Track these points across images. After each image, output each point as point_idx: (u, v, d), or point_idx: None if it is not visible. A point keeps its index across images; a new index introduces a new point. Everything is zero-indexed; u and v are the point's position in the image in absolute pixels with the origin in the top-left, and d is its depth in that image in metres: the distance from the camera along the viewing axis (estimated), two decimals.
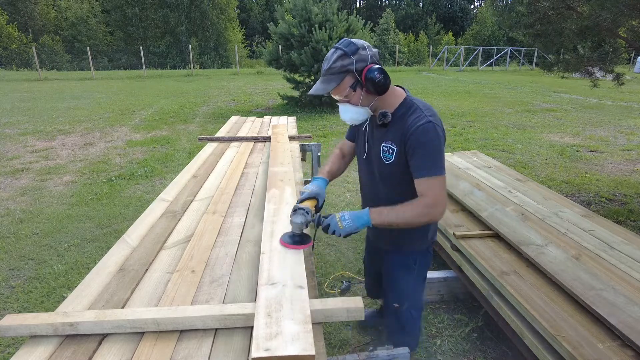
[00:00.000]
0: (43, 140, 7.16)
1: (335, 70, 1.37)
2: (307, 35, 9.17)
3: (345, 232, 1.40)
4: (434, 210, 1.39)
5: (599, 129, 7.92)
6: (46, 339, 1.14)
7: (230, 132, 3.81)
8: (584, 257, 2.16)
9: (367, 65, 1.36)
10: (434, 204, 1.38)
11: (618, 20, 3.25)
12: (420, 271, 1.75)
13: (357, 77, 1.37)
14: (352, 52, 1.35)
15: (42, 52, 28.91)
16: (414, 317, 1.78)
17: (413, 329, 1.83)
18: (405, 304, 1.75)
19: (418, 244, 1.68)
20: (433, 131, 1.37)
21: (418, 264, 1.71)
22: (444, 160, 1.40)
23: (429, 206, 1.38)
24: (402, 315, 1.76)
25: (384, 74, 1.36)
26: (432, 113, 1.42)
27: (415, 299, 1.77)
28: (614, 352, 1.51)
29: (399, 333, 1.83)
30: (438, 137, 1.38)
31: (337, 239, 3.47)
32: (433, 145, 1.37)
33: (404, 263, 1.70)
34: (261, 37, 42.91)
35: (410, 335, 1.85)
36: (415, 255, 1.70)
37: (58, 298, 2.71)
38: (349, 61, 1.35)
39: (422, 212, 1.39)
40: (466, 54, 28.24)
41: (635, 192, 4.50)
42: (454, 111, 9.81)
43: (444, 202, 1.40)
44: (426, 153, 1.38)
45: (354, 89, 1.40)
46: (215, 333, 1.16)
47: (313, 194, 1.54)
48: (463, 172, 3.66)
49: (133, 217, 3.86)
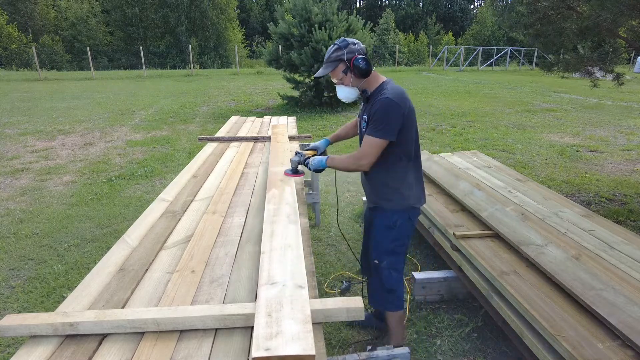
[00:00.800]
0: (43, 140, 7.16)
1: (331, 59, 1.81)
2: (307, 35, 9.17)
3: (312, 166, 1.98)
4: (359, 162, 1.81)
5: (599, 129, 7.92)
6: (46, 339, 1.14)
7: (230, 132, 3.81)
8: (584, 257, 2.16)
9: (355, 55, 1.78)
10: (361, 157, 1.80)
11: (618, 20, 3.25)
12: (400, 233, 1.95)
13: (347, 64, 1.80)
14: (344, 46, 1.79)
15: (42, 52, 28.93)
16: (393, 278, 1.98)
17: (394, 289, 1.99)
18: (384, 262, 1.97)
19: (396, 204, 1.92)
20: (386, 104, 1.73)
21: (398, 225, 1.93)
22: (389, 128, 1.73)
23: (357, 158, 1.82)
24: (382, 273, 1.98)
25: (366, 62, 1.77)
26: (394, 94, 1.74)
27: (394, 260, 1.98)
28: (614, 352, 1.51)
29: (381, 293, 2.02)
30: (390, 109, 1.72)
31: (337, 238, 3.48)
32: (384, 114, 1.73)
33: (385, 221, 1.95)
34: (261, 37, 42.92)
35: (392, 295, 2.00)
36: (397, 216, 1.93)
37: (58, 298, 2.70)
38: (341, 52, 1.79)
39: (353, 161, 1.85)
40: (466, 54, 28.24)
41: (635, 192, 4.50)
42: (454, 111, 9.81)
43: (371, 158, 1.78)
44: (375, 119, 1.76)
45: (345, 73, 1.82)
46: (216, 333, 1.16)
47: (314, 147, 2.21)
48: (463, 172, 3.66)
49: (133, 217, 3.86)
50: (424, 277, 2.60)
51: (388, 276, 1.97)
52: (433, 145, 6.54)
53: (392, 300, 2.00)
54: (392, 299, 2.00)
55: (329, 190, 4.55)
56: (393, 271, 1.98)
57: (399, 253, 1.98)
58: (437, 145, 6.60)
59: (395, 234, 1.94)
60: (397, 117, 1.73)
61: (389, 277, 1.97)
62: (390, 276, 1.97)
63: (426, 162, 3.68)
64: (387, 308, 2.05)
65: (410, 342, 2.27)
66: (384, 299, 2.02)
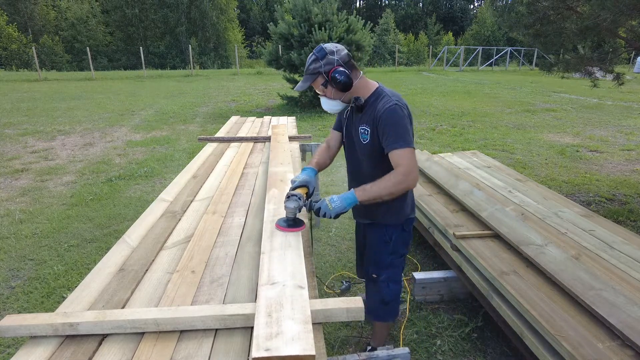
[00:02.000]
0: (43, 140, 7.16)
1: (309, 72, 1.66)
2: (307, 36, 9.17)
3: (334, 212, 1.58)
4: (408, 178, 1.59)
5: (599, 129, 7.92)
6: (46, 339, 1.14)
7: (230, 132, 3.81)
8: (583, 257, 2.16)
9: (333, 67, 1.62)
10: (408, 172, 1.58)
11: (618, 20, 3.25)
12: (397, 246, 1.89)
13: (325, 77, 1.64)
14: (321, 57, 1.63)
15: (41, 53, 28.93)
16: (391, 290, 1.94)
17: (391, 302, 1.96)
18: (383, 275, 1.92)
19: (394, 218, 1.84)
20: (399, 110, 1.61)
21: (394, 239, 1.87)
22: (411, 135, 1.62)
23: (404, 174, 1.58)
24: (380, 286, 1.93)
25: (344, 75, 1.61)
26: (397, 98, 1.65)
27: (392, 272, 1.93)
28: (614, 352, 1.51)
29: (378, 305, 1.97)
30: (404, 116, 1.61)
31: (337, 239, 3.47)
32: (400, 123, 1.60)
33: (381, 236, 1.88)
34: (261, 37, 42.91)
35: (388, 308, 1.97)
36: (392, 230, 1.86)
37: (58, 298, 2.70)
38: (318, 65, 1.63)
39: (400, 179, 1.59)
40: (466, 54, 28.24)
41: (635, 192, 4.50)
42: (453, 111, 9.81)
43: (416, 170, 1.61)
44: (395, 130, 1.60)
45: (325, 87, 1.67)
46: (216, 333, 1.16)
47: (304, 182, 1.70)
48: (463, 172, 3.66)
49: (133, 217, 3.86)
50: (424, 277, 2.60)
51: (386, 289, 1.94)
52: (433, 145, 6.54)
53: (387, 311, 1.99)
54: (388, 310, 1.99)
55: (329, 191, 4.55)
56: (391, 283, 1.94)
57: (396, 265, 1.94)
58: (437, 145, 6.60)
59: (392, 248, 1.89)
60: (410, 123, 1.65)
61: (387, 290, 1.94)
62: (388, 288, 1.94)
63: (426, 162, 3.68)
64: (381, 319, 2.04)
65: (410, 342, 2.27)
66: (380, 310, 1.99)
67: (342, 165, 4.80)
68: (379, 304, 1.97)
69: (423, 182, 3.52)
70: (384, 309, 1.98)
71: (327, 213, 1.58)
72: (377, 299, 1.97)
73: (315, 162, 1.91)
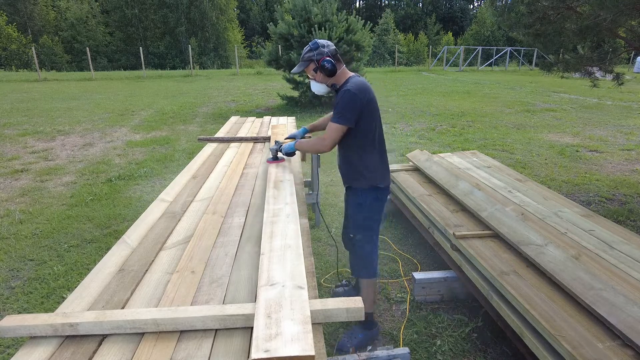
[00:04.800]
0: (42, 140, 7.16)
1: (304, 59, 2.08)
2: (307, 36, 9.17)
3: (284, 150, 2.34)
4: (322, 142, 2.07)
5: (599, 128, 7.92)
6: (46, 339, 1.14)
7: (230, 132, 3.81)
8: (583, 257, 2.16)
9: (323, 57, 2.03)
10: (324, 139, 2.06)
11: (618, 20, 3.25)
12: (370, 211, 2.18)
13: (316, 64, 2.06)
14: (315, 48, 2.05)
15: (41, 53, 28.93)
16: (366, 249, 2.22)
17: (366, 259, 2.23)
18: (358, 235, 2.21)
19: (363, 182, 2.15)
20: (346, 95, 1.97)
21: (367, 204, 2.17)
22: (350, 116, 1.98)
23: (322, 139, 2.07)
24: (357, 245, 2.23)
25: (331, 64, 2.02)
26: (355, 86, 1.98)
27: (367, 234, 2.21)
28: (614, 352, 1.51)
29: (357, 262, 2.27)
30: (351, 99, 1.97)
31: (337, 239, 3.48)
32: (345, 105, 1.98)
33: (355, 198, 2.21)
34: (261, 37, 42.92)
35: (366, 264, 2.24)
36: (364, 194, 2.17)
37: (58, 299, 2.70)
38: (312, 54, 2.05)
39: (317, 142, 2.12)
40: (466, 54, 28.25)
41: (635, 192, 4.50)
42: (453, 111, 9.81)
43: (331, 140, 2.04)
44: (338, 107, 2.00)
45: (315, 72, 2.09)
46: (215, 334, 1.16)
47: (291, 135, 2.58)
48: (463, 172, 3.66)
49: (133, 217, 3.86)
50: (424, 277, 2.60)
51: (361, 248, 2.21)
52: (433, 145, 6.54)
53: (365, 268, 2.23)
54: (365, 267, 2.23)
55: (329, 191, 4.55)
56: (366, 244, 2.21)
57: (370, 228, 2.20)
58: (437, 145, 6.60)
59: (367, 212, 2.17)
60: (355, 107, 1.97)
61: (362, 249, 2.21)
62: (363, 248, 2.21)
63: (426, 162, 3.68)
64: (361, 275, 2.26)
65: (410, 342, 2.27)
66: (359, 267, 2.26)
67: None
68: (357, 261, 2.27)
69: (423, 182, 3.52)
70: (361, 266, 2.25)
71: (283, 150, 2.34)
72: (356, 257, 2.28)
73: (312, 124, 2.53)
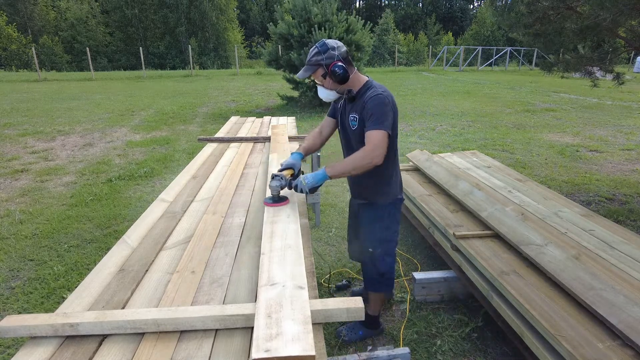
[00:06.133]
0: (43, 141, 7.16)
1: (311, 63, 1.85)
2: (307, 36, 9.17)
3: (308, 187, 1.77)
4: (373, 154, 1.74)
5: (599, 128, 7.92)
6: (46, 339, 1.14)
7: (230, 132, 3.81)
8: (583, 256, 2.16)
9: (333, 62, 1.81)
10: (373, 149, 1.74)
11: (618, 20, 3.25)
12: (389, 223, 2.08)
13: (325, 70, 1.83)
14: (324, 51, 1.81)
15: (41, 53, 28.91)
16: (387, 262, 2.11)
17: (386, 273, 2.14)
18: (378, 249, 2.09)
19: (384, 198, 2.04)
20: (383, 99, 1.79)
21: (386, 216, 2.06)
22: (389, 122, 1.79)
23: (369, 150, 1.75)
24: (377, 260, 2.10)
25: (343, 69, 1.81)
26: (383, 89, 1.84)
27: (387, 246, 2.10)
28: (614, 351, 1.51)
29: (375, 277, 2.16)
30: (386, 104, 1.79)
31: (337, 239, 3.48)
32: (381, 109, 1.78)
33: (375, 214, 2.07)
34: (261, 37, 42.91)
35: (384, 279, 2.15)
36: (383, 208, 2.06)
37: (58, 299, 2.70)
38: (320, 58, 1.82)
39: (363, 155, 1.76)
40: (466, 54, 28.24)
41: (635, 192, 4.50)
42: (453, 111, 9.81)
43: (382, 150, 1.76)
44: (375, 114, 1.78)
45: (324, 77, 1.87)
46: (216, 334, 1.16)
47: (289, 165, 1.95)
48: (463, 172, 3.66)
49: (133, 217, 3.86)
50: (424, 277, 2.60)
51: (382, 262, 2.10)
52: (433, 145, 6.54)
53: (384, 283, 2.16)
54: (385, 281, 2.16)
55: (329, 191, 4.55)
56: (387, 257, 2.11)
57: (390, 240, 2.10)
58: (437, 145, 6.60)
59: (386, 224, 2.07)
60: (391, 112, 1.82)
61: (382, 262, 2.10)
62: (384, 261, 2.10)
63: (426, 162, 3.68)
64: (379, 290, 2.19)
65: (410, 342, 2.27)
66: (377, 282, 2.16)
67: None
68: (376, 276, 2.14)
69: (423, 182, 3.52)
70: (380, 280, 2.15)
71: (302, 189, 1.77)
72: (374, 272, 2.14)
73: (303, 148, 2.12)
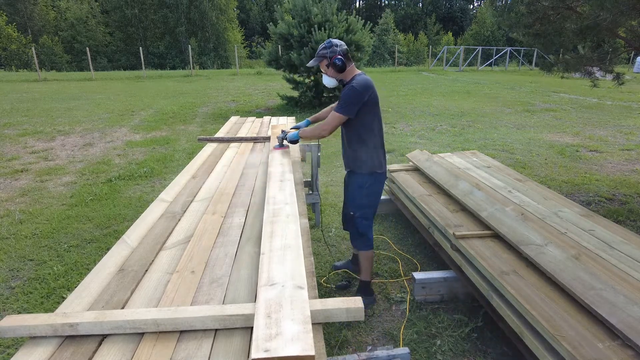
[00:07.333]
0: (42, 141, 7.16)
1: (319, 54, 2.39)
2: (307, 36, 9.17)
3: (288, 137, 2.62)
4: (322, 128, 2.39)
5: (599, 128, 7.92)
6: (46, 339, 1.14)
7: (230, 132, 3.81)
8: (583, 256, 2.16)
9: (335, 55, 2.34)
10: (324, 125, 2.38)
11: (618, 20, 3.25)
12: (369, 192, 2.50)
13: (329, 60, 2.37)
14: (329, 46, 2.36)
15: (41, 53, 28.93)
16: (364, 225, 2.54)
17: (364, 233, 2.55)
18: (358, 213, 2.53)
19: (363, 168, 2.46)
20: (350, 89, 2.28)
21: (367, 186, 2.48)
22: (347, 108, 2.29)
23: (321, 125, 2.41)
24: (356, 222, 2.54)
25: (341, 62, 2.33)
26: (358, 84, 2.27)
27: (365, 211, 2.53)
28: (614, 351, 1.51)
29: (356, 236, 2.60)
30: (350, 93, 2.27)
31: (337, 239, 3.48)
32: (348, 98, 2.28)
33: (357, 181, 2.51)
34: (261, 37, 42.93)
35: (363, 238, 2.56)
36: (365, 178, 2.48)
37: (58, 299, 2.70)
38: (326, 51, 2.36)
39: (316, 127, 2.43)
40: (466, 54, 28.24)
41: (634, 192, 4.50)
42: (453, 111, 9.81)
43: (331, 126, 2.35)
44: (341, 99, 2.32)
45: (327, 67, 2.40)
46: (215, 334, 1.16)
47: (296, 126, 2.84)
48: (463, 172, 3.66)
49: (133, 217, 3.86)
50: (424, 277, 2.60)
51: (360, 224, 2.53)
52: (433, 145, 6.54)
53: (364, 242, 2.56)
54: (364, 241, 2.56)
55: (329, 190, 4.55)
56: (364, 220, 2.53)
57: (368, 206, 2.54)
58: (437, 145, 6.60)
59: (366, 192, 2.49)
60: (356, 101, 2.27)
61: (361, 224, 2.53)
62: (362, 223, 2.53)
63: (426, 162, 3.68)
64: (360, 248, 2.59)
65: (410, 342, 2.27)
66: (358, 240, 2.59)
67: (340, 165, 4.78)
68: (357, 235, 2.58)
69: (423, 182, 3.52)
70: (360, 240, 2.57)
71: (288, 138, 2.61)
72: (355, 232, 2.58)
73: (313, 116, 2.88)
